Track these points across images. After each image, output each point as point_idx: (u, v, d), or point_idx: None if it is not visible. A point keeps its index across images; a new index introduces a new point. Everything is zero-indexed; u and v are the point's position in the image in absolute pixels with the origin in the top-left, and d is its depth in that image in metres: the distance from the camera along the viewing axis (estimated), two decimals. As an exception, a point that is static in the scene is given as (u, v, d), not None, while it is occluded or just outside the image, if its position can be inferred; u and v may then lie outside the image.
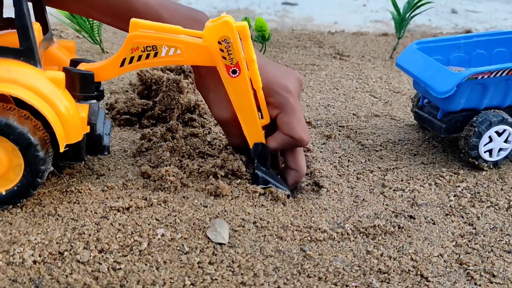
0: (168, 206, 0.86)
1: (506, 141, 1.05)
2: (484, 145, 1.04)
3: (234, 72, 0.85)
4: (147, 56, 0.83)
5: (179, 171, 0.94)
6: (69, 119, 0.79)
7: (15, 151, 0.78)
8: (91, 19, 1.57)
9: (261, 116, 0.92)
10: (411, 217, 0.89)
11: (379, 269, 0.76)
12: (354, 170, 1.04)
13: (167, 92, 1.17)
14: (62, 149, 0.79)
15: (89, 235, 0.77)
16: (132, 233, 0.79)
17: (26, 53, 0.78)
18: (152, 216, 0.83)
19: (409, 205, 0.93)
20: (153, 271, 0.72)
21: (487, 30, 2.38)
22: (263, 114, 0.91)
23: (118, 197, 0.88)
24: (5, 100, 0.80)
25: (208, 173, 0.95)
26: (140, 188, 0.91)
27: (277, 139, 0.92)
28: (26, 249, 0.73)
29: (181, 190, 0.91)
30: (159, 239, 0.78)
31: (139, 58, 0.83)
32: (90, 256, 0.74)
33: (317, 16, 2.41)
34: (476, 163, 1.05)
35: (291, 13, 2.43)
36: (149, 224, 0.81)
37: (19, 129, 0.77)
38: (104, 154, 0.90)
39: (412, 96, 1.25)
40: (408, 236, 0.85)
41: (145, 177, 0.94)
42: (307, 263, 0.76)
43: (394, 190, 0.98)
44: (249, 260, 0.76)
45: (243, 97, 0.88)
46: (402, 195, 0.96)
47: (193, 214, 0.84)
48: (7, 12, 0.94)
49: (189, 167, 0.96)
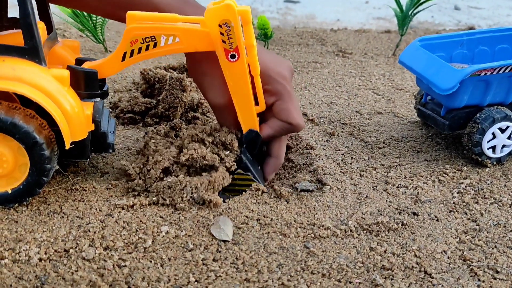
0: (172, 204, 0.86)
1: (510, 138, 1.05)
2: (488, 142, 1.04)
3: (233, 57, 0.84)
4: (147, 48, 0.83)
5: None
6: (74, 117, 0.80)
7: (21, 150, 0.79)
8: (94, 17, 1.57)
9: (256, 103, 0.91)
10: (415, 214, 0.90)
11: (383, 266, 0.77)
12: (357, 167, 1.04)
13: (170, 91, 1.17)
14: (68, 146, 0.80)
15: (94, 233, 0.78)
16: (137, 231, 0.79)
17: (31, 52, 0.78)
18: (157, 214, 0.83)
19: (413, 202, 0.93)
20: (158, 268, 0.73)
21: (490, 27, 2.37)
22: (259, 101, 0.90)
23: (123, 195, 0.88)
24: (10, 99, 0.81)
25: (194, 138, 0.93)
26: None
27: (273, 126, 0.92)
28: (32, 247, 0.74)
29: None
30: (164, 237, 0.79)
31: (139, 51, 0.83)
32: (96, 254, 0.74)
33: (320, 14, 2.41)
34: (480, 160, 1.05)
35: (294, 11, 2.43)
36: (154, 222, 0.82)
37: (25, 128, 0.77)
38: (109, 152, 0.90)
39: (415, 93, 1.25)
40: (412, 233, 0.85)
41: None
42: (311, 260, 0.77)
43: (398, 187, 0.98)
44: (253, 257, 0.77)
45: (241, 83, 0.87)
46: (406, 192, 0.96)
47: (197, 212, 0.85)
48: (11, 12, 0.94)
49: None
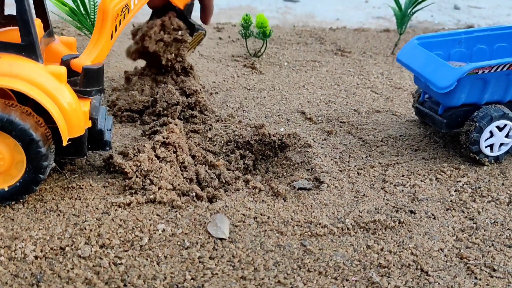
0: (169, 202, 0.86)
1: (507, 136, 1.05)
2: (485, 140, 1.04)
3: None
4: (124, 17, 0.92)
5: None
6: (72, 113, 0.80)
7: (18, 147, 0.79)
8: (92, 15, 1.57)
9: None
10: (412, 212, 0.90)
11: (379, 264, 0.77)
12: (355, 166, 1.04)
13: (168, 89, 1.17)
14: (65, 143, 0.80)
15: (90, 231, 0.78)
16: (133, 229, 0.79)
17: (28, 48, 0.78)
18: (153, 212, 0.83)
19: (410, 200, 0.93)
20: (154, 266, 0.73)
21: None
22: None
23: (119, 193, 0.88)
24: (7, 97, 0.81)
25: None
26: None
27: None
28: (28, 245, 0.74)
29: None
30: (160, 234, 0.79)
31: (120, 23, 0.92)
32: (91, 251, 0.74)
33: (319, 13, 2.40)
34: (477, 158, 1.05)
35: (293, 10, 2.43)
36: (150, 220, 0.81)
37: (21, 125, 0.77)
38: (106, 150, 0.90)
39: (413, 92, 1.25)
40: (409, 231, 0.85)
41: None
42: (308, 258, 0.77)
43: (395, 185, 0.98)
44: (250, 255, 0.76)
45: None
46: (403, 190, 0.96)
47: (194, 210, 0.84)
48: (8, 10, 0.94)
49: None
